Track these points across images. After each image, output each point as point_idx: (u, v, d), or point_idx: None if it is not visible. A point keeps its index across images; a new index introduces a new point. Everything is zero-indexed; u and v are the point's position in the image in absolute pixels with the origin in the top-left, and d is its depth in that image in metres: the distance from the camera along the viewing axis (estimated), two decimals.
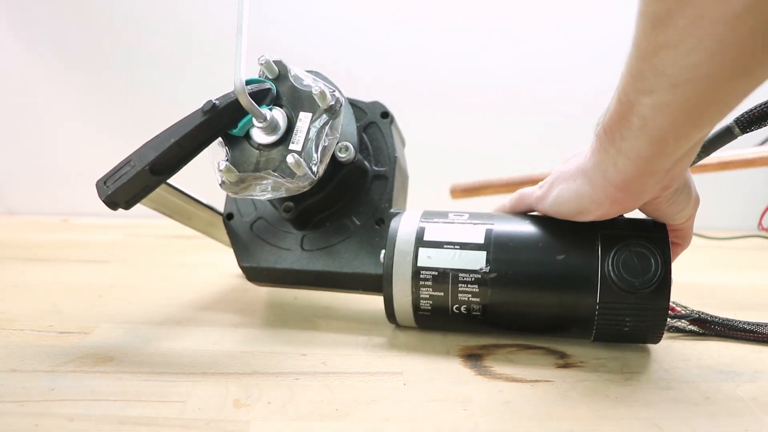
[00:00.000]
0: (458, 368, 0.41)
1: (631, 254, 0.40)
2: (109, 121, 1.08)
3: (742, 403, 0.36)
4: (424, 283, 0.44)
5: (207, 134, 0.44)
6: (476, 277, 0.43)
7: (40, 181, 1.10)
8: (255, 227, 0.52)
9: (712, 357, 0.44)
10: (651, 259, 0.40)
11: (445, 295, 0.43)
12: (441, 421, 0.34)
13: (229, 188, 0.46)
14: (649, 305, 0.40)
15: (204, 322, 0.50)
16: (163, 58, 1.07)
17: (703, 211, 0.48)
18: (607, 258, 0.40)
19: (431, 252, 0.44)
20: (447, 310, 0.44)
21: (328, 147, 0.46)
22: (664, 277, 0.40)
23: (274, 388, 0.37)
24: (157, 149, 0.41)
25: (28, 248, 0.82)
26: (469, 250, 0.43)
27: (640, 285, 0.39)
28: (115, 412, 0.34)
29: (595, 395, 0.37)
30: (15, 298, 0.56)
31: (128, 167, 0.41)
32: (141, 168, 0.41)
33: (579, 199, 0.40)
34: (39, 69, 1.07)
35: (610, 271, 0.40)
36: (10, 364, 0.40)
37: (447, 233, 0.44)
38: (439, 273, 0.43)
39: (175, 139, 0.42)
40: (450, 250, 0.43)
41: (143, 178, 0.42)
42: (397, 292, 0.44)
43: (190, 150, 0.43)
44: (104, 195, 0.41)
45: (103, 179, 0.42)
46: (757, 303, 0.61)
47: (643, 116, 0.32)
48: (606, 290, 0.40)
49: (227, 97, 0.44)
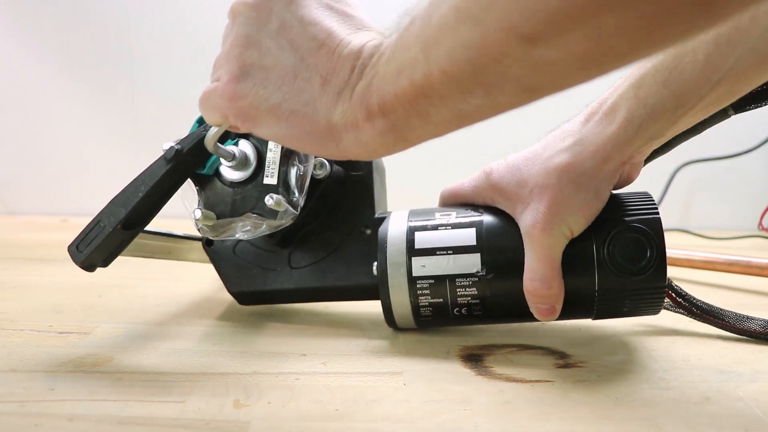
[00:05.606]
0: (458, 368, 0.41)
1: (626, 241, 0.40)
2: (109, 121, 1.08)
3: (742, 403, 0.36)
4: (422, 291, 0.43)
5: (174, 180, 0.42)
6: (473, 280, 0.42)
7: (40, 181, 1.10)
8: (238, 250, 0.51)
9: (712, 357, 0.44)
10: (646, 244, 0.40)
11: (444, 300, 0.43)
12: (441, 421, 0.34)
13: (207, 233, 0.45)
14: (648, 286, 0.41)
15: (204, 323, 0.50)
16: (163, 58, 1.07)
17: (703, 211, 0.48)
18: (603, 246, 0.41)
19: (424, 260, 0.43)
20: (448, 313, 0.44)
21: (304, 174, 0.44)
22: (660, 259, 0.40)
23: (274, 388, 0.37)
24: (126, 206, 0.40)
25: (28, 248, 0.82)
26: (462, 254, 0.43)
27: (637, 270, 0.40)
28: (115, 412, 0.34)
29: (595, 395, 0.37)
30: (15, 298, 0.56)
31: (98, 229, 0.39)
32: (113, 228, 0.39)
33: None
34: (39, 69, 1.07)
35: (606, 259, 0.40)
36: (10, 364, 0.40)
37: (437, 238, 0.43)
38: (436, 280, 0.43)
39: (142, 192, 0.40)
40: (443, 256, 0.43)
41: (117, 237, 0.40)
42: (396, 302, 0.44)
43: (159, 198, 0.42)
44: (79, 260, 0.39)
45: (75, 244, 0.40)
46: (757, 303, 0.61)
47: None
48: (604, 277, 0.41)
49: (190, 139, 0.42)
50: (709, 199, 1.09)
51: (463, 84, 0.26)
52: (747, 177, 1.08)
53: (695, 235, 0.98)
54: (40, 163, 1.10)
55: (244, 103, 0.33)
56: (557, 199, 0.40)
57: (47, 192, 1.10)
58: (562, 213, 0.40)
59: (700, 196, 1.08)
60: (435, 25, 0.26)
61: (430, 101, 0.28)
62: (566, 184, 0.40)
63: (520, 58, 0.23)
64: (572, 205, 0.40)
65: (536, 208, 0.41)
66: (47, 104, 1.08)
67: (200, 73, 1.13)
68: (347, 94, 0.31)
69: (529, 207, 0.41)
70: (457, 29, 0.25)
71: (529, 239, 0.41)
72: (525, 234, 0.41)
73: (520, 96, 0.26)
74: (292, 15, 0.33)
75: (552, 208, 0.40)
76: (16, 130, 1.10)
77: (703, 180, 1.07)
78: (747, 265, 0.66)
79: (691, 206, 1.08)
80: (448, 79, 0.26)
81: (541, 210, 0.40)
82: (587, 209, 0.41)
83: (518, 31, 0.22)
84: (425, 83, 0.27)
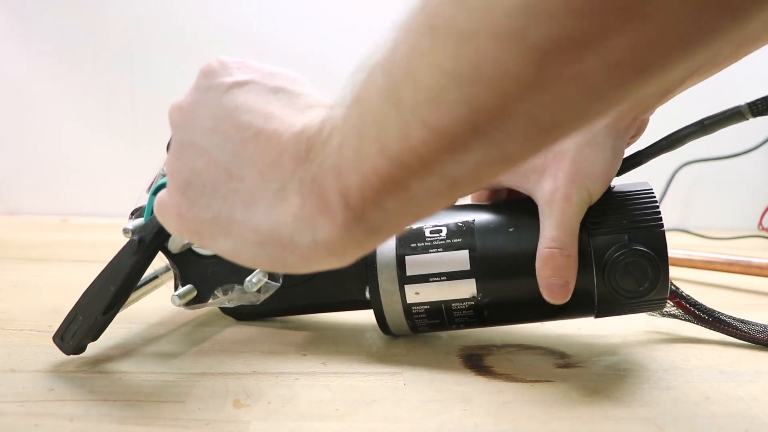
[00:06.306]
0: (458, 368, 0.41)
1: (627, 266, 0.38)
2: (109, 121, 1.08)
3: (743, 403, 0.36)
4: (418, 315, 0.42)
5: (143, 263, 0.41)
6: (470, 304, 0.41)
7: (40, 181, 1.10)
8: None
9: (712, 357, 0.44)
10: (648, 266, 0.38)
11: (441, 321, 0.43)
12: (441, 421, 0.34)
13: (192, 308, 0.45)
14: (649, 301, 0.39)
15: (204, 322, 0.50)
16: (163, 58, 1.07)
17: (703, 211, 0.48)
18: (602, 273, 0.39)
19: (418, 288, 0.41)
20: (447, 328, 0.44)
21: None
22: (664, 277, 0.38)
23: (274, 388, 0.37)
24: (101, 300, 0.39)
25: (28, 248, 0.82)
26: (457, 280, 0.41)
27: (638, 294, 0.38)
28: (115, 412, 0.34)
29: (595, 395, 0.37)
30: (15, 298, 0.56)
31: (77, 322, 0.39)
32: (93, 319, 0.39)
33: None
34: (39, 69, 1.07)
35: (607, 284, 0.39)
36: (10, 364, 0.40)
37: (429, 263, 0.41)
38: (432, 306, 0.42)
39: (114, 286, 0.40)
40: (437, 283, 0.41)
41: (98, 323, 0.40)
42: (393, 325, 0.43)
43: (131, 284, 0.41)
44: (69, 349, 0.40)
45: (59, 335, 0.40)
46: (757, 303, 0.61)
47: None
48: (604, 302, 0.39)
49: (150, 226, 0.40)
50: (709, 199, 1.09)
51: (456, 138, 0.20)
52: (747, 177, 1.07)
53: (695, 235, 0.98)
54: (40, 163, 1.10)
55: (188, 217, 0.29)
56: (576, 162, 0.39)
57: (47, 192, 1.10)
58: (582, 177, 0.38)
59: (700, 196, 1.08)
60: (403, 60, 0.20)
61: (411, 171, 0.21)
62: (583, 147, 0.39)
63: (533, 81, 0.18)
64: (591, 168, 0.39)
65: (554, 174, 0.39)
66: (47, 104, 1.08)
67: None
68: (293, 187, 0.25)
69: (545, 175, 0.39)
70: (437, 52, 0.19)
71: (549, 208, 0.39)
72: (543, 202, 0.39)
73: (534, 139, 0.20)
74: (225, 106, 0.28)
75: (571, 173, 0.38)
76: (17, 130, 1.09)
77: (703, 180, 1.07)
78: (747, 265, 0.66)
79: (691, 206, 1.08)
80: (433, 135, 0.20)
81: (560, 176, 0.39)
82: (606, 170, 0.39)
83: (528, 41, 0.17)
84: (403, 147, 0.21)
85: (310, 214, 0.25)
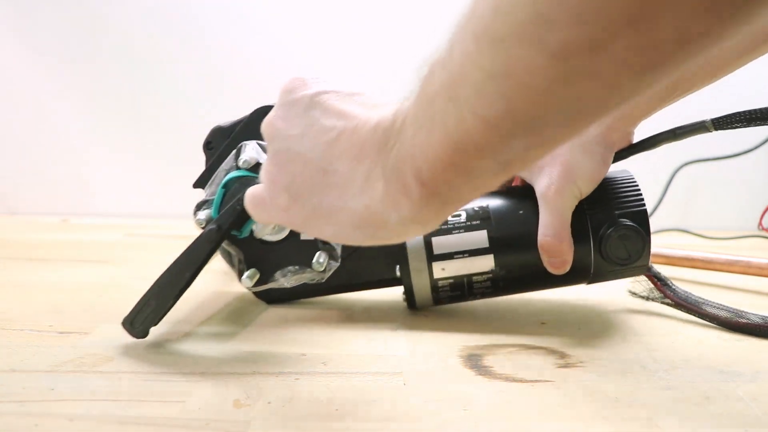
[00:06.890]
0: (458, 368, 0.41)
1: (619, 239, 0.46)
2: (110, 122, 1.08)
3: (743, 403, 0.36)
4: (443, 288, 0.49)
5: (215, 250, 0.45)
6: (488, 276, 0.48)
7: (40, 181, 1.10)
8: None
9: (712, 357, 0.44)
10: (636, 238, 0.46)
11: (462, 293, 0.49)
12: (441, 421, 0.34)
13: (255, 289, 0.50)
14: (633, 267, 0.48)
15: (204, 322, 0.50)
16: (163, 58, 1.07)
17: (703, 211, 0.51)
18: (598, 245, 0.47)
19: (444, 264, 0.48)
20: (465, 299, 0.50)
21: None
22: (646, 248, 0.46)
23: (274, 388, 0.37)
24: (176, 286, 0.42)
25: (28, 248, 0.82)
26: (477, 256, 0.48)
27: (628, 261, 0.47)
28: (115, 412, 0.34)
29: (595, 395, 0.37)
30: (15, 298, 0.56)
31: (149, 306, 0.42)
32: (167, 304, 0.42)
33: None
34: (39, 69, 1.07)
35: (601, 255, 0.47)
36: (10, 364, 0.40)
37: (453, 243, 0.48)
38: (455, 280, 0.48)
39: (190, 272, 0.43)
40: (460, 260, 0.48)
41: (167, 308, 0.43)
42: (420, 298, 0.50)
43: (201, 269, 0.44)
44: (139, 334, 0.42)
45: (129, 320, 0.42)
46: (757, 303, 0.61)
47: None
48: (599, 271, 0.48)
49: (228, 215, 0.44)
50: (709, 199, 1.09)
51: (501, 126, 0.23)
52: (747, 177, 1.07)
53: (695, 235, 0.98)
54: (40, 163, 1.10)
55: (293, 211, 0.33)
56: (568, 164, 0.45)
57: (47, 192, 1.10)
58: (573, 177, 0.45)
59: (700, 196, 1.08)
60: (456, 61, 0.24)
61: (469, 155, 0.25)
62: (576, 151, 0.45)
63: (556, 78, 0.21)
64: (582, 170, 0.45)
65: (550, 172, 0.45)
66: (47, 104, 1.08)
67: (201, 73, 1.13)
68: (377, 174, 0.30)
69: (543, 171, 0.46)
70: (479, 55, 0.22)
71: (544, 200, 0.46)
72: (540, 195, 0.46)
73: (568, 126, 0.23)
74: (310, 114, 0.33)
75: (564, 173, 0.45)
76: (17, 130, 1.09)
77: (703, 180, 1.07)
78: (747, 265, 0.66)
79: (691, 206, 1.08)
80: (483, 124, 0.23)
81: (554, 174, 0.45)
82: (595, 173, 0.46)
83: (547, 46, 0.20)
84: (461, 135, 0.24)
85: (393, 196, 0.29)
